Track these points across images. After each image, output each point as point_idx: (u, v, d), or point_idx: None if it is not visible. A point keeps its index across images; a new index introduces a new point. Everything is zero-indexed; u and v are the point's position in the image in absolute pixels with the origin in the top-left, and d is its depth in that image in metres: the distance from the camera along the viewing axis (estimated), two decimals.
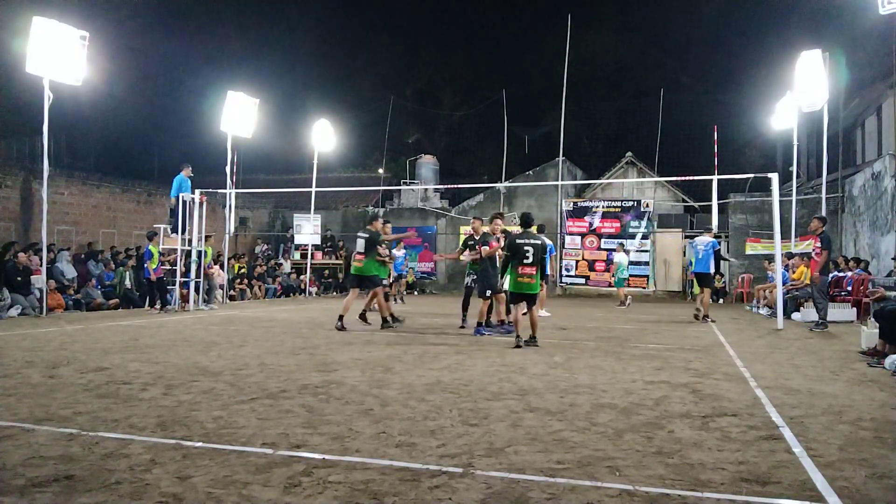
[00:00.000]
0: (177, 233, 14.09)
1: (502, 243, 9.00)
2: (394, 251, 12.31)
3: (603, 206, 22.47)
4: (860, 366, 6.67)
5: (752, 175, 14.23)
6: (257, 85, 21.22)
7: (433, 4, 42.07)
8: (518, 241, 8.08)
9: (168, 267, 14.35)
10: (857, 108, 20.33)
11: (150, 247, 13.61)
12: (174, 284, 14.23)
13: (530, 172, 23.92)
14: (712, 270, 12.60)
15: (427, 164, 27.13)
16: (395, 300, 15.75)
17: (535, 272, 8.05)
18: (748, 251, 20.31)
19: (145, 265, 13.78)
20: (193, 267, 14.09)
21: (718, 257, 12.97)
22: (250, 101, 16.17)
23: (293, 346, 7.85)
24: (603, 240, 21.98)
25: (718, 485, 3.02)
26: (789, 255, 14.86)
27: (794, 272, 14.09)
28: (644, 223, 21.87)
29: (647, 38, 36.26)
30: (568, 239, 22.41)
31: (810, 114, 15.47)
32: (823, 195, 15.45)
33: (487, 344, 8.28)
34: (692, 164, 23.41)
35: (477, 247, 9.68)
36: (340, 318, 9.77)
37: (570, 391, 5.19)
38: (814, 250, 10.93)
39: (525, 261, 7.96)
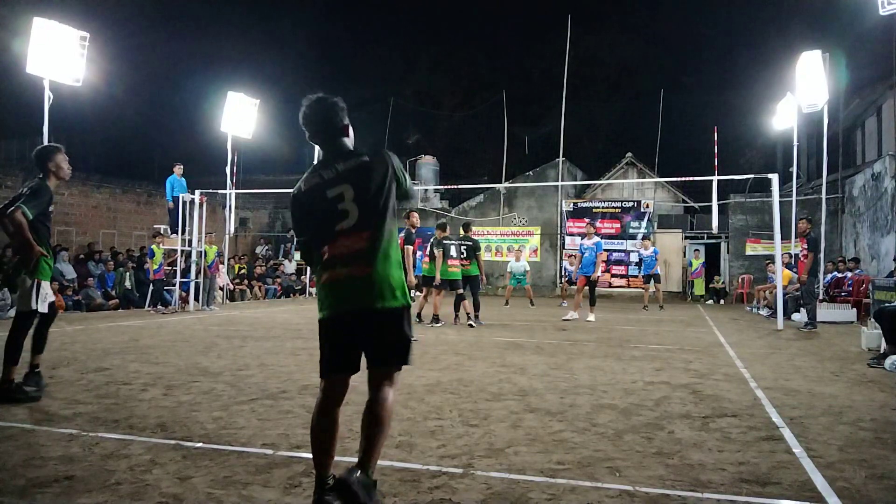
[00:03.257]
0: (175, 233, 14.11)
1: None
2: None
3: (603, 207, 22.48)
4: (860, 366, 6.67)
5: (752, 176, 14.25)
6: (257, 85, 21.21)
7: (433, 5, 42.08)
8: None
9: (168, 268, 14.35)
10: (857, 108, 20.33)
11: (153, 246, 13.61)
12: (174, 285, 14.23)
13: (530, 173, 23.91)
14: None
15: (427, 164, 27.12)
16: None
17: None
18: (748, 252, 20.33)
19: (145, 265, 13.78)
20: (193, 267, 14.10)
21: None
22: (250, 101, 16.18)
23: (293, 347, 7.85)
24: (603, 241, 21.98)
25: (718, 485, 3.02)
26: (791, 256, 14.88)
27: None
28: (644, 224, 21.87)
29: (647, 38, 36.25)
30: (568, 239, 22.41)
31: (810, 114, 15.46)
32: (823, 196, 15.44)
33: (487, 344, 8.28)
34: (692, 164, 23.43)
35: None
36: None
37: (570, 392, 5.19)
38: (801, 252, 10.95)
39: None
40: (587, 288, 12.45)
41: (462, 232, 11.67)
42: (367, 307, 2.62)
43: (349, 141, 2.88)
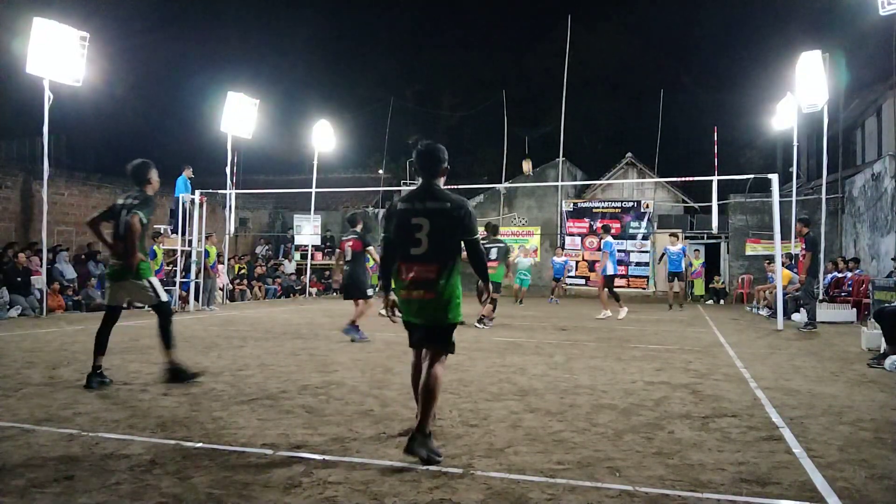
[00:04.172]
0: (177, 233, 14.12)
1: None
2: None
3: (603, 207, 22.49)
4: (860, 366, 6.67)
5: (752, 176, 14.24)
6: (257, 85, 21.25)
7: (433, 5, 42.06)
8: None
9: (168, 268, 14.36)
10: (857, 108, 20.33)
11: (154, 247, 13.60)
12: (174, 285, 14.23)
13: (530, 173, 23.91)
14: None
15: None
16: None
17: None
18: (748, 252, 20.33)
19: None
20: (193, 268, 14.09)
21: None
22: (250, 101, 16.17)
23: (293, 347, 7.85)
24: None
25: (718, 485, 3.02)
26: (789, 256, 14.89)
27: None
28: (644, 224, 21.87)
29: (647, 38, 36.31)
30: (568, 240, 22.42)
31: (810, 114, 15.47)
32: (823, 196, 15.45)
33: (487, 344, 8.28)
34: (692, 164, 23.44)
35: (340, 245, 9.34)
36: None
37: (570, 392, 5.19)
38: (801, 252, 10.98)
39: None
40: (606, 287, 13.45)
41: (491, 234, 11.31)
42: (431, 322, 3.63)
43: (442, 181, 3.81)
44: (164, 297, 5.54)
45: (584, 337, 9.38)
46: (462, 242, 3.65)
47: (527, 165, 19.16)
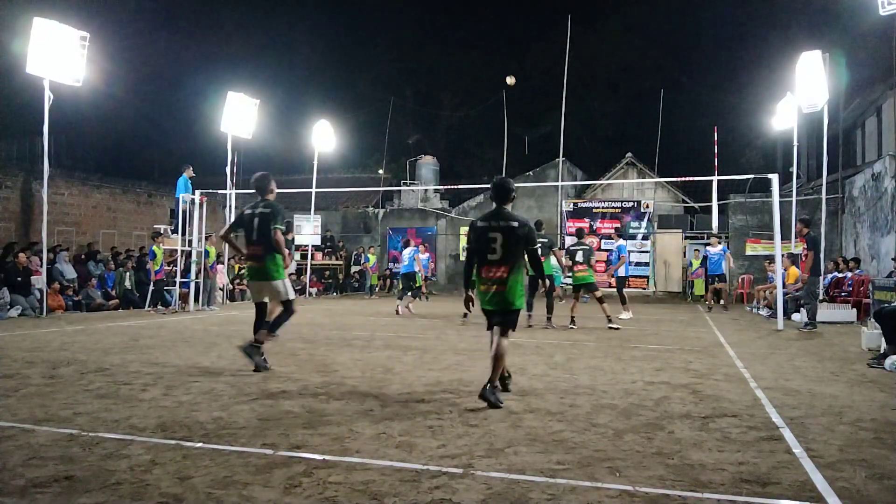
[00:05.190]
0: (177, 233, 14.12)
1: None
2: (419, 254, 13.98)
3: (603, 207, 22.48)
4: (860, 366, 6.67)
5: (752, 176, 14.22)
6: (257, 85, 21.27)
7: (433, 5, 42.06)
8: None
9: (168, 268, 14.35)
10: (857, 108, 20.33)
11: (154, 247, 13.60)
12: (174, 284, 14.23)
13: (530, 173, 23.90)
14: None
15: (427, 164, 27.10)
16: (423, 299, 17.19)
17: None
18: (748, 252, 20.31)
19: (147, 266, 13.77)
20: (194, 268, 14.10)
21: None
22: (250, 101, 16.17)
23: (293, 347, 7.85)
24: (603, 241, 21.96)
25: (718, 485, 3.02)
26: (792, 256, 14.87)
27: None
28: (644, 224, 21.86)
29: (647, 39, 36.26)
30: (568, 240, 22.39)
31: (810, 114, 15.46)
32: (823, 196, 15.44)
33: (487, 344, 8.26)
34: (692, 164, 23.44)
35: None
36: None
37: (570, 392, 5.19)
38: (802, 252, 10.99)
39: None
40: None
41: (578, 237, 12.04)
42: (502, 308, 4.83)
43: (510, 205, 5.12)
44: (291, 295, 6.25)
45: (584, 337, 9.38)
46: (525, 252, 4.92)
47: (510, 79, 21.50)
